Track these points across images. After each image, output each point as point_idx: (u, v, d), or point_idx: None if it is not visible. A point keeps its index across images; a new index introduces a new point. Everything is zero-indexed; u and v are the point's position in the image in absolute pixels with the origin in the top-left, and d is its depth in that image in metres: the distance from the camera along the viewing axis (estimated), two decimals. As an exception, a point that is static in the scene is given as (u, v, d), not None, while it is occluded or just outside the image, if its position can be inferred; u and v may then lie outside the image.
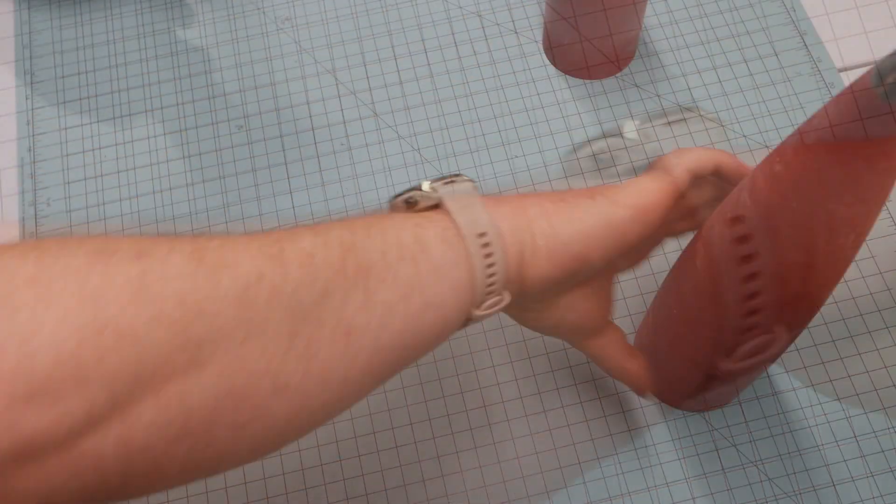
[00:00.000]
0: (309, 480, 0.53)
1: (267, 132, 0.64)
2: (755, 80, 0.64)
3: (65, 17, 0.69)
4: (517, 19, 0.68)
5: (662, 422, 0.54)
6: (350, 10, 0.69)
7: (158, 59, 0.67)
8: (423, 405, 0.55)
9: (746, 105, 0.64)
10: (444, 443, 0.54)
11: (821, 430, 0.53)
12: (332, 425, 0.54)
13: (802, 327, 0.40)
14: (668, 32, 0.67)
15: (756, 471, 0.52)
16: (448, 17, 0.68)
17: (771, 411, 0.54)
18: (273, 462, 0.53)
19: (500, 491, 0.52)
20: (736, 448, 0.53)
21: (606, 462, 0.53)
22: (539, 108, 0.64)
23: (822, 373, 0.55)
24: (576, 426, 0.54)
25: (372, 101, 0.65)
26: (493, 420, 0.54)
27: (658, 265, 0.58)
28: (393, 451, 0.54)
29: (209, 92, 0.65)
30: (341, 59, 0.67)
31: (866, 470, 0.52)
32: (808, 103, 0.63)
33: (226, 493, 0.53)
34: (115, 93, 0.66)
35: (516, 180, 0.62)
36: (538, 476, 0.53)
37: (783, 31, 0.66)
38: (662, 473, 0.52)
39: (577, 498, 0.52)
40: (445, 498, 0.52)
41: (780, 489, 0.52)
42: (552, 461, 0.53)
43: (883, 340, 0.56)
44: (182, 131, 0.64)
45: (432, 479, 0.53)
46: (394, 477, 0.53)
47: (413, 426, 0.54)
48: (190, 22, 0.68)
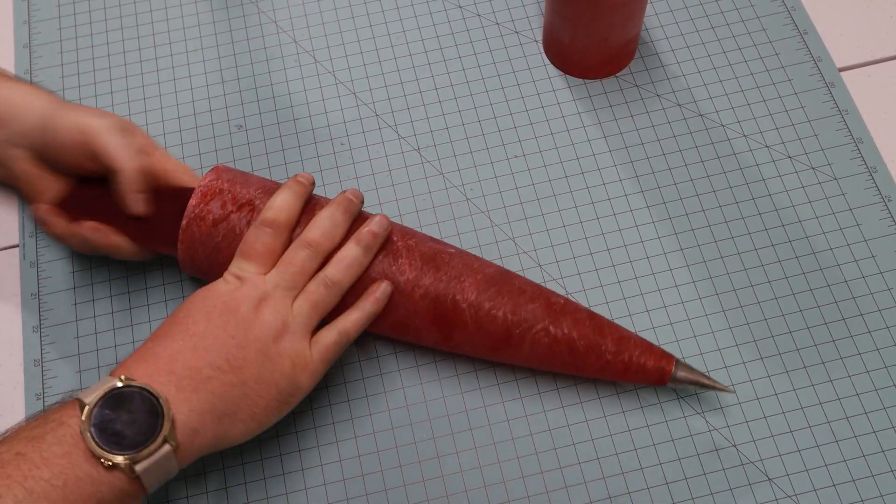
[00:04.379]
0: (309, 480, 0.53)
1: (267, 132, 0.64)
2: (755, 80, 0.64)
3: (64, 16, 0.69)
4: (517, 19, 0.68)
5: (662, 422, 0.54)
6: (350, 10, 0.68)
7: (158, 59, 0.67)
8: (424, 405, 0.55)
9: (747, 105, 0.63)
10: (443, 442, 0.54)
11: (821, 430, 0.53)
12: (332, 425, 0.54)
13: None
14: (668, 32, 0.67)
15: (756, 471, 0.52)
16: (448, 18, 0.68)
17: (771, 411, 0.54)
18: (273, 462, 0.53)
19: (500, 491, 0.52)
20: (736, 448, 0.53)
21: (606, 462, 0.53)
22: (539, 108, 0.64)
23: (822, 373, 0.55)
24: (576, 426, 0.54)
25: (372, 101, 0.65)
26: (493, 420, 0.54)
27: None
28: (393, 452, 0.54)
29: (208, 92, 0.65)
30: (341, 59, 0.67)
31: (867, 470, 0.52)
32: (809, 103, 0.63)
33: (226, 493, 0.53)
34: (114, 93, 0.65)
35: (516, 180, 0.62)
36: (538, 476, 0.53)
37: (783, 30, 0.66)
38: (662, 473, 0.52)
39: (577, 498, 0.52)
40: (445, 498, 0.52)
41: (781, 489, 0.52)
42: (552, 461, 0.53)
43: (883, 340, 0.56)
44: (181, 131, 0.64)
45: (432, 479, 0.53)
46: (394, 477, 0.53)
47: (413, 426, 0.54)
48: (189, 22, 0.68)
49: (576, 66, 0.65)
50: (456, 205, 0.61)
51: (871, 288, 0.57)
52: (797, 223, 0.59)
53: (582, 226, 0.60)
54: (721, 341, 0.56)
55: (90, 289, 0.59)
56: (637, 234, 0.59)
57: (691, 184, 0.61)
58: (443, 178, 0.62)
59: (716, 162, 0.61)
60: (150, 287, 0.58)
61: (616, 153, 0.62)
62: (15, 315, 0.58)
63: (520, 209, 0.60)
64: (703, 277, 0.58)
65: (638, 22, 0.62)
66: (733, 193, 0.60)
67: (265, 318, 0.48)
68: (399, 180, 0.62)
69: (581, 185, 0.61)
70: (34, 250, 0.60)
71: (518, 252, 0.59)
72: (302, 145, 0.63)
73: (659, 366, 0.51)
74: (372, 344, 0.56)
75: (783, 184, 0.61)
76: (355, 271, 0.50)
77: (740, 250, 0.58)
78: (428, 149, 0.63)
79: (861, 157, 0.61)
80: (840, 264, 0.58)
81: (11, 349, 0.57)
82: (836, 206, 0.60)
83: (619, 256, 0.59)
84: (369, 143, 0.63)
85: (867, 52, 0.65)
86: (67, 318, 0.58)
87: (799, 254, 0.58)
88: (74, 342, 0.57)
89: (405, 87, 0.65)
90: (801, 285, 0.57)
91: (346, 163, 0.63)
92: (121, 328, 0.57)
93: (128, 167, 0.52)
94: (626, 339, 0.51)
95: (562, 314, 0.51)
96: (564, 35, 0.62)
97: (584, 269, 0.58)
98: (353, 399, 0.55)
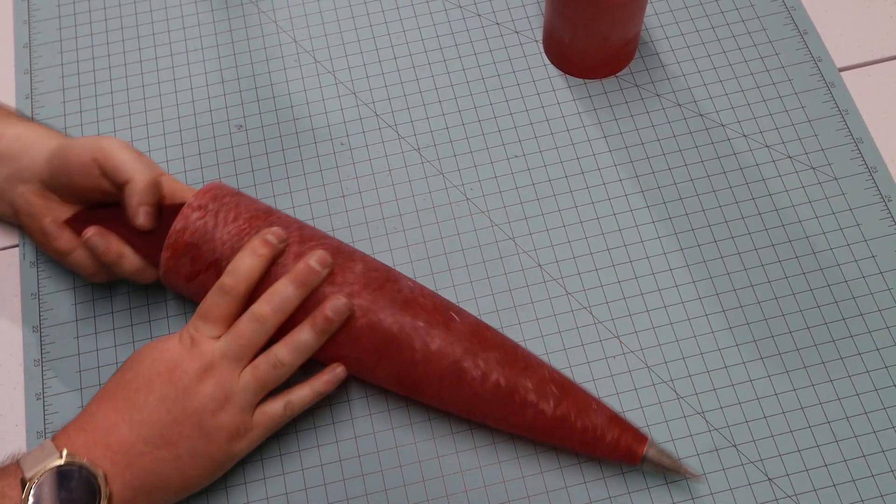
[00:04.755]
0: (309, 480, 0.53)
1: (267, 132, 0.64)
2: (755, 80, 0.64)
3: (64, 16, 0.69)
4: (517, 19, 0.68)
5: (663, 422, 0.54)
6: (350, 10, 0.68)
7: (158, 59, 0.67)
8: (423, 405, 0.55)
9: (747, 105, 0.63)
10: (443, 443, 0.54)
11: (821, 430, 0.53)
12: (332, 425, 0.54)
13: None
14: (668, 32, 0.67)
15: (756, 471, 0.52)
16: (448, 18, 0.68)
17: (771, 411, 0.54)
18: (273, 462, 0.53)
19: (500, 491, 0.52)
20: (736, 448, 0.53)
21: (606, 462, 0.53)
22: (539, 108, 0.64)
23: (822, 373, 0.55)
24: (576, 426, 0.54)
25: (372, 101, 0.65)
26: (493, 420, 0.54)
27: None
28: (393, 452, 0.54)
29: (208, 92, 0.65)
30: (341, 59, 0.67)
31: (867, 470, 0.52)
32: (809, 103, 0.63)
33: (226, 492, 0.53)
34: (114, 92, 0.65)
35: (516, 180, 0.62)
36: (538, 476, 0.53)
37: (783, 30, 0.66)
38: (662, 473, 0.52)
39: (577, 498, 0.52)
40: (445, 498, 0.52)
41: (781, 489, 0.52)
42: (552, 461, 0.53)
43: (883, 340, 0.56)
44: (181, 131, 0.64)
45: (432, 479, 0.53)
46: (394, 477, 0.53)
47: (413, 426, 0.54)
48: (189, 22, 0.68)
49: (576, 66, 0.65)
50: (456, 205, 0.61)
51: (871, 288, 0.57)
52: (797, 223, 0.59)
53: (582, 226, 0.60)
54: (721, 341, 0.56)
55: (90, 289, 0.59)
56: (637, 234, 0.59)
57: (691, 184, 0.61)
58: (443, 178, 0.62)
59: (716, 162, 0.61)
60: (150, 287, 0.58)
61: (616, 153, 0.62)
62: (15, 315, 0.58)
63: (520, 209, 0.60)
64: (703, 277, 0.58)
65: (638, 22, 0.62)
66: (733, 193, 0.60)
67: (206, 390, 0.48)
68: (399, 180, 0.62)
69: (581, 185, 0.61)
70: (34, 250, 0.60)
71: (518, 252, 0.59)
72: (302, 145, 0.63)
73: (630, 445, 0.50)
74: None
75: (783, 184, 0.61)
76: (305, 355, 0.51)
77: (740, 250, 0.58)
78: (428, 149, 0.63)
79: (861, 157, 0.61)
80: (840, 264, 0.58)
81: (11, 349, 0.57)
82: (836, 206, 0.60)
83: (619, 256, 0.59)
84: (369, 143, 0.63)
85: (867, 52, 0.65)
86: (67, 319, 0.58)
87: (799, 254, 0.58)
88: (74, 342, 0.57)
89: (405, 87, 0.65)
90: (801, 285, 0.57)
91: (346, 163, 0.63)
92: (121, 328, 0.57)
93: (140, 178, 0.52)
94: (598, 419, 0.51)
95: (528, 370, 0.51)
96: (564, 35, 0.62)
97: (584, 269, 0.58)
98: (352, 399, 0.55)
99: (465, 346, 0.50)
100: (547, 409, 0.50)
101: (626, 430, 0.50)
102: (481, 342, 0.51)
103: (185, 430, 0.48)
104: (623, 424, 0.50)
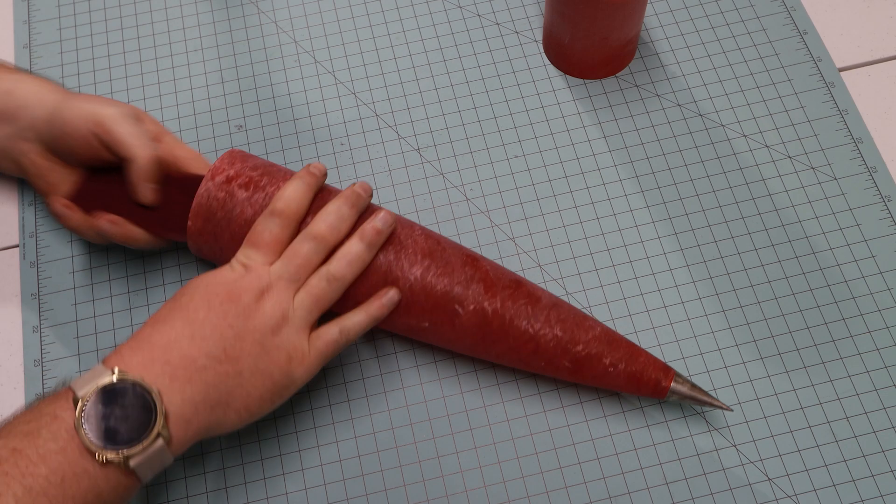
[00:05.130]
0: (309, 480, 0.53)
1: (267, 132, 0.64)
2: (755, 80, 0.64)
3: (64, 16, 0.69)
4: (517, 19, 0.68)
5: (662, 422, 0.54)
6: (350, 10, 0.68)
7: (158, 60, 0.67)
8: (423, 406, 0.55)
9: (746, 105, 0.63)
10: (443, 443, 0.54)
11: (821, 430, 0.53)
12: (332, 425, 0.54)
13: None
14: (668, 32, 0.67)
15: (756, 471, 0.52)
16: (448, 18, 0.68)
17: (771, 411, 0.54)
18: (273, 462, 0.53)
19: (500, 491, 0.52)
20: (736, 448, 0.53)
21: (606, 462, 0.53)
22: (539, 108, 0.64)
23: (822, 373, 0.55)
24: (576, 426, 0.54)
25: (372, 101, 0.65)
26: (493, 420, 0.54)
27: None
28: (393, 452, 0.54)
29: (208, 92, 0.65)
30: (341, 59, 0.67)
31: (867, 470, 0.52)
32: (809, 103, 0.63)
33: (226, 493, 0.53)
34: (114, 93, 0.65)
35: (516, 180, 0.62)
36: (538, 476, 0.53)
37: (783, 30, 0.66)
38: (662, 473, 0.52)
39: (577, 498, 0.52)
40: (445, 498, 0.52)
41: (781, 489, 0.52)
42: (552, 461, 0.53)
43: (883, 340, 0.56)
44: (181, 131, 0.64)
45: (432, 479, 0.53)
46: (394, 477, 0.53)
47: (413, 426, 0.54)
48: (189, 22, 0.68)
49: (576, 66, 0.65)
50: (456, 205, 0.61)
51: (871, 288, 0.57)
52: (797, 223, 0.59)
53: (582, 226, 0.60)
54: (721, 341, 0.56)
55: (90, 289, 0.59)
56: (637, 235, 0.59)
57: (691, 184, 0.61)
58: (443, 178, 0.62)
59: (716, 162, 0.61)
60: (151, 287, 0.58)
61: (616, 153, 0.62)
62: (15, 315, 0.58)
63: (520, 209, 0.60)
64: (703, 277, 0.58)
65: (638, 22, 0.62)
66: (733, 193, 0.60)
67: (266, 309, 0.48)
68: (399, 180, 0.62)
69: (581, 185, 0.61)
70: (34, 250, 0.60)
71: (518, 252, 0.59)
72: (302, 145, 0.63)
73: (657, 378, 0.51)
74: (372, 344, 0.56)
75: (783, 184, 0.61)
76: (358, 267, 0.50)
77: (740, 250, 0.58)
78: (428, 149, 0.63)
79: (861, 157, 0.61)
80: (840, 264, 0.58)
81: (11, 349, 0.57)
82: (836, 206, 0.60)
83: (619, 256, 0.59)
84: (369, 143, 0.63)
85: (867, 52, 0.65)
86: (67, 318, 0.58)
87: (799, 254, 0.58)
88: (74, 342, 0.57)
89: (405, 87, 0.65)
90: (801, 285, 0.57)
91: (346, 163, 0.63)
92: (121, 328, 0.57)
93: (141, 156, 0.52)
94: (637, 352, 0.52)
95: (577, 325, 0.52)
96: (564, 35, 0.62)
97: (584, 269, 0.58)
98: (353, 399, 0.55)
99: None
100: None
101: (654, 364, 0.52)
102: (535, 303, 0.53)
103: (248, 346, 0.47)
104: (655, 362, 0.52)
